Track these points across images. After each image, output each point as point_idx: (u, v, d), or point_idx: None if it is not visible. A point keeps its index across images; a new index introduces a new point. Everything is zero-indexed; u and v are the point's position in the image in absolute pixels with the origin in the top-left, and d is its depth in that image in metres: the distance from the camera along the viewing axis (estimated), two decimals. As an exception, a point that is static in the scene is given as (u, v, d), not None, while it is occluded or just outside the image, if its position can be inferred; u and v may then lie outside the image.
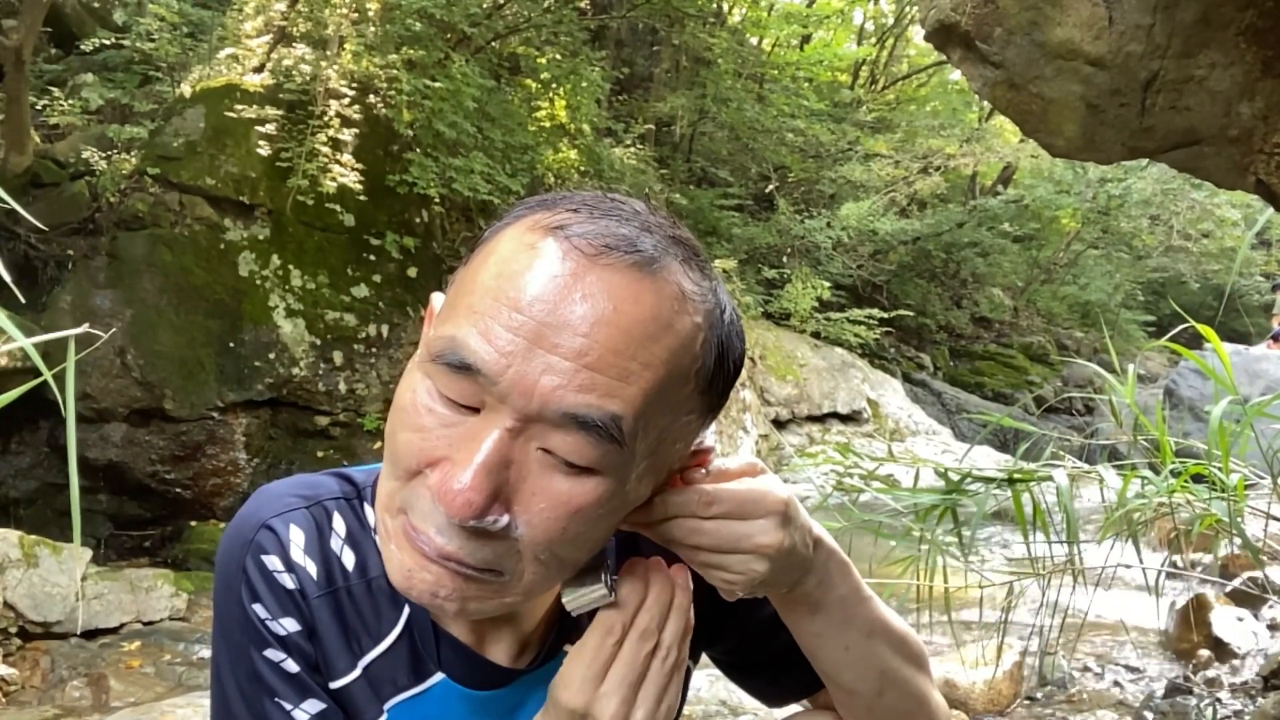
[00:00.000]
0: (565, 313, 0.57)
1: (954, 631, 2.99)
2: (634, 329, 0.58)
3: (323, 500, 0.74)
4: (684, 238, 0.64)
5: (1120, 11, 2.45)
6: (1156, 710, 3.03)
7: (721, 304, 0.64)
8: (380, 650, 0.73)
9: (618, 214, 0.61)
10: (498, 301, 0.58)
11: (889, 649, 0.80)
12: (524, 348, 0.56)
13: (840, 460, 2.77)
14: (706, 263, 0.66)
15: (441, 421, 0.60)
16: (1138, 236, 14.82)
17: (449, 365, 0.58)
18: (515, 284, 0.58)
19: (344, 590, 0.72)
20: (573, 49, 9.11)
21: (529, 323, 0.57)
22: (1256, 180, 2.53)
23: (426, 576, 0.61)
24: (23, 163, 6.09)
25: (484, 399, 0.58)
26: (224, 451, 6.17)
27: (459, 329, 0.58)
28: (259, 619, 0.70)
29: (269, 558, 0.71)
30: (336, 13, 6.80)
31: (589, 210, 0.61)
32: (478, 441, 0.58)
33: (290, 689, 0.69)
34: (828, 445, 8.26)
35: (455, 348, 0.58)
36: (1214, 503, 2.01)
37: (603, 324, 0.57)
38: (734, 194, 11.90)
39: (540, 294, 0.57)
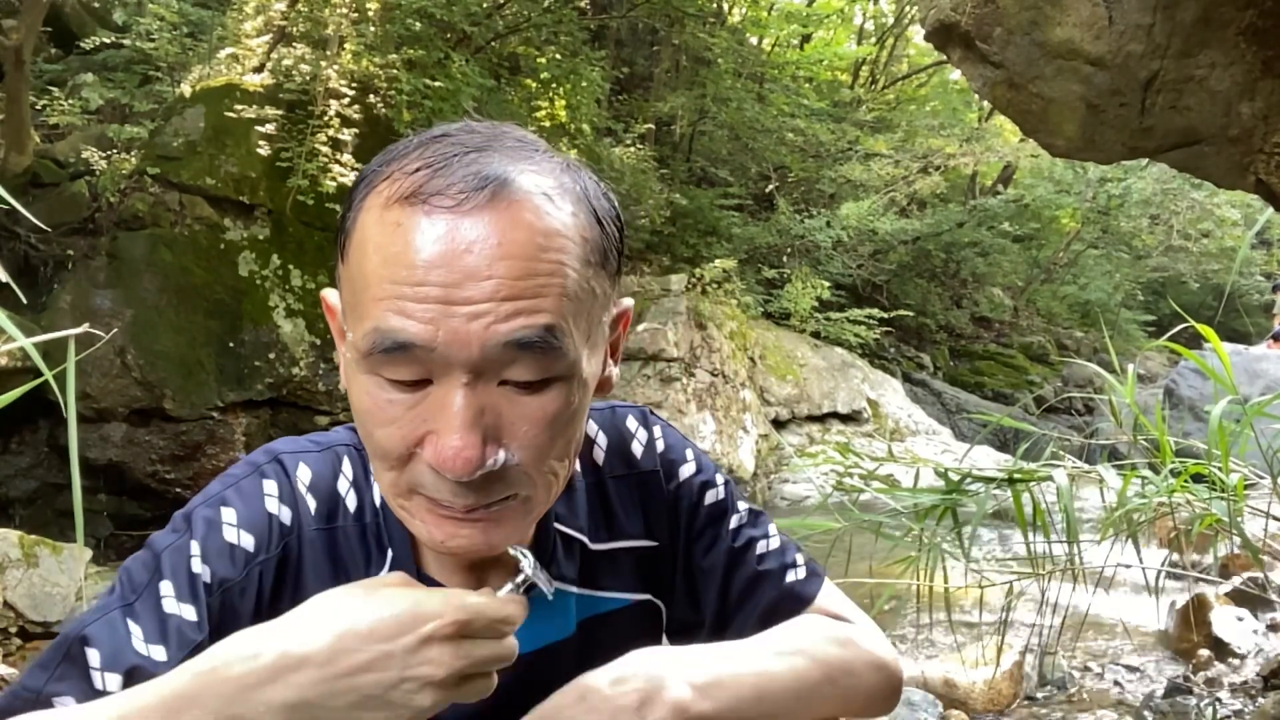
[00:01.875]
0: (461, 267, 0.60)
1: (954, 631, 2.99)
2: (525, 249, 0.61)
3: (334, 446, 0.79)
4: (523, 136, 0.68)
5: (1120, 11, 2.45)
6: (1156, 710, 3.03)
7: (580, 180, 0.68)
8: None
9: (458, 150, 0.63)
10: (397, 284, 0.60)
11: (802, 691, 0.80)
12: (441, 310, 0.60)
13: (840, 460, 2.77)
14: (550, 150, 0.69)
15: (406, 405, 0.63)
16: (1138, 236, 14.82)
17: (385, 352, 0.61)
18: (404, 262, 0.60)
19: (341, 530, 0.76)
20: (572, 49, 9.11)
21: (434, 289, 0.60)
22: (1256, 180, 2.53)
23: (463, 534, 0.67)
24: (23, 162, 6.08)
25: (430, 369, 0.62)
26: (224, 451, 6.17)
27: (377, 320, 0.61)
28: (217, 519, 0.72)
29: (269, 483, 0.74)
30: (336, 13, 6.80)
31: (429, 163, 0.62)
32: (448, 406, 0.62)
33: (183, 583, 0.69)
34: (828, 445, 8.26)
35: (382, 335, 0.61)
36: (1214, 503, 2.02)
37: (497, 260, 0.60)
38: (734, 194, 11.89)
39: (430, 260, 0.60)
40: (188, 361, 6.08)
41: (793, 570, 0.89)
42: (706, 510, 0.88)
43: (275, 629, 0.59)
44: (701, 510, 0.88)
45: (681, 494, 0.87)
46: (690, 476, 0.88)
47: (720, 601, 0.87)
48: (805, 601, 0.88)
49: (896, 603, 3.77)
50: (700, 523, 0.87)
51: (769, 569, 0.88)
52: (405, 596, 0.60)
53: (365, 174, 0.67)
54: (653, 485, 0.87)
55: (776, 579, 0.88)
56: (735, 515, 0.89)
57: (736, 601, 0.87)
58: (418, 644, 0.58)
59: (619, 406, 0.89)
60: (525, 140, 0.67)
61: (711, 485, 0.89)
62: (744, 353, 8.84)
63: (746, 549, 0.88)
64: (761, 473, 8.27)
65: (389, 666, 0.57)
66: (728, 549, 0.87)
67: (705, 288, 8.98)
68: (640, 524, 0.85)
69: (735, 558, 0.87)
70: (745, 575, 0.87)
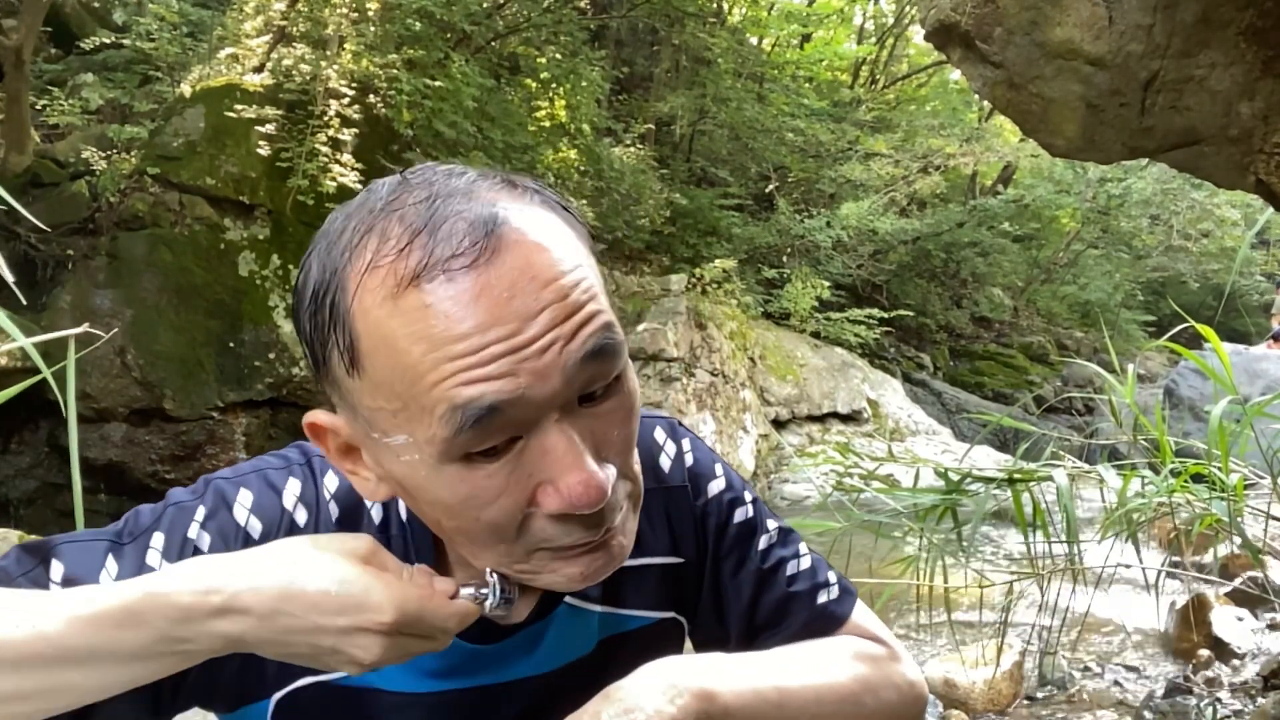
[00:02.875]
0: (512, 313, 0.57)
1: (954, 631, 3.00)
2: (554, 267, 0.59)
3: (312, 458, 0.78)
4: (446, 169, 0.65)
5: (1120, 11, 2.45)
6: (1156, 710, 3.03)
7: (525, 185, 0.66)
8: None
9: (422, 208, 0.60)
10: (456, 359, 0.57)
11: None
12: (513, 361, 0.57)
13: (840, 460, 2.77)
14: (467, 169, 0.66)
15: (506, 472, 0.60)
16: (1138, 236, 14.82)
17: (475, 426, 0.57)
18: (455, 336, 0.57)
19: None
20: (572, 49, 9.11)
21: (498, 346, 0.57)
22: (1256, 180, 2.53)
23: (599, 561, 0.66)
24: (23, 162, 6.09)
25: (519, 423, 0.59)
26: (224, 451, 6.17)
27: (449, 401, 0.57)
28: (233, 497, 0.72)
29: (295, 482, 0.75)
30: (336, 12, 6.80)
31: (409, 233, 0.58)
32: (554, 448, 0.60)
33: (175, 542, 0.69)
34: (828, 445, 8.26)
35: (465, 410, 0.57)
36: (1214, 503, 2.02)
37: (540, 290, 0.58)
38: (734, 194, 11.89)
39: (482, 323, 0.57)
40: (188, 361, 6.08)
41: (825, 590, 0.88)
42: (735, 529, 0.86)
43: (232, 566, 0.59)
44: (730, 528, 0.86)
45: (710, 511, 0.86)
46: (719, 493, 0.86)
47: (747, 622, 0.86)
48: (839, 621, 0.87)
49: (896, 603, 3.77)
50: (729, 541, 0.86)
51: (800, 590, 0.86)
52: (358, 580, 0.59)
53: (324, 283, 0.61)
54: (680, 501, 0.85)
55: (808, 600, 0.87)
56: (765, 535, 0.87)
57: (766, 623, 0.86)
58: (352, 629, 0.59)
59: (646, 417, 0.86)
60: (453, 168, 0.65)
61: (741, 503, 0.87)
62: (744, 353, 8.84)
63: (776, 570, 0.86)
64: (761, 473, 8.28)
65: (321, 638, 0.59)
66: (756, 569, 0.86)
67: (705, 288, 8.99)
68: (667, 540, 0.84)
69: (764, 578, 0.86)
70: (775, 597, 0.86)
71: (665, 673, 0.70)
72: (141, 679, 0.60)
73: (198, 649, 0.59)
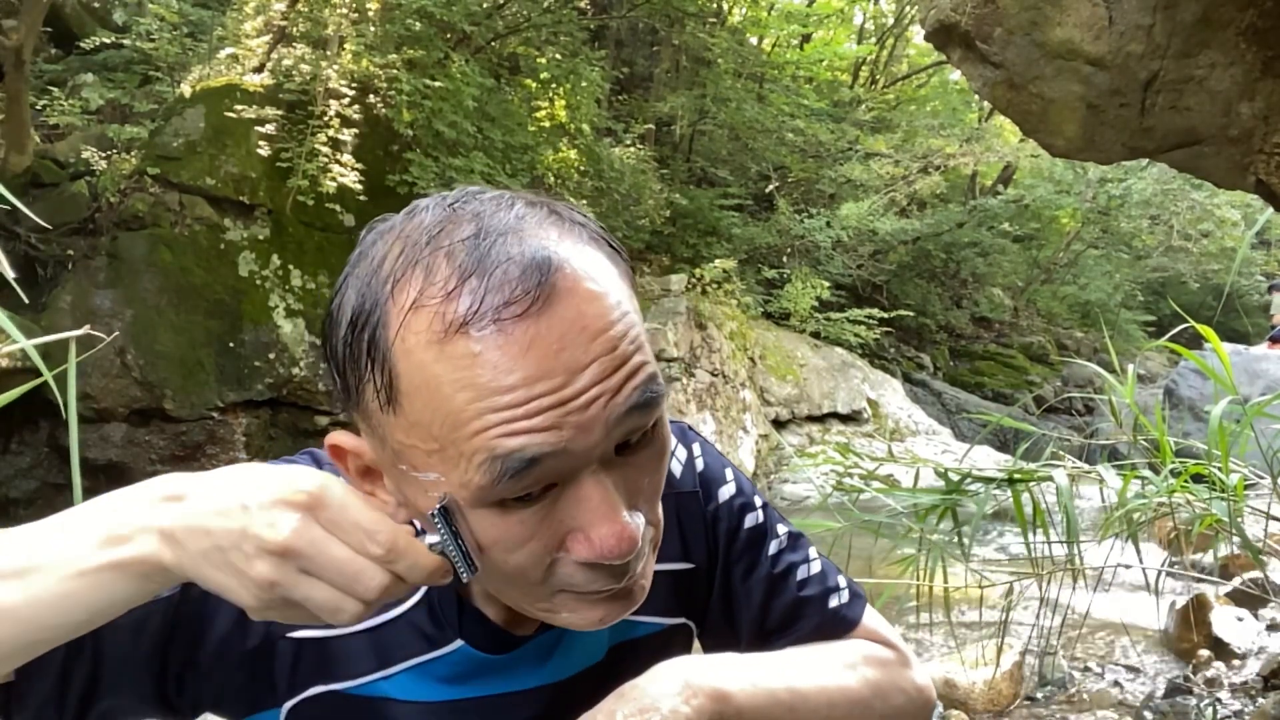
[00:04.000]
0: (560, 367, 0.56)
1: (954, 631, 3.00)
2: (603, 318, 0.58)
3: None
4: (494, 196, 0.62)
5: (1120, 11, 2.45)
6: (1156, 710, 3.03)
7: (573, 217, 0.64)
8: (395, 614, 0.74)
9: (472, 243, 0.57)
10: (501, 410, 0.56)
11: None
12: (558, 414, 0.56)
13: (840, 460, 2.77)
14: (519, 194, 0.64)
15: (539, 518, 0.60)
16: (1138, 236, 14.83)
17: (515, 476, 0.57)
18: (502, 388, 0.55)
19: None
20: (572, 49, 9.11)
21: (545, 399, 0.56)
22: (1256, 180, 2.53)
23: (618, 607, 0.65)
24: (23, 163, 6.09)
25: (558, 472, 0.58)
26: (224, 451, 6.17)
27: (489, 450, 0.56)
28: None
29: None
30: (336, 13, 6.80)
31: (460, 274, 0.56)
32: (589, 499, 0.59)
33: None
34: (828, 445, 8.26)
35: (506, 461, 0.56)
36: (1214, 503, 2.02)
37: (588, 343, 0.57)
38: (734, 194, 11.89)
39: (530, 376, 0.55)
40: (188, 361, 6.08)
41: (836, 594, 0.88)
42: (746, 534, 0.86)
43: (192, 474, 0.59)
44: (741, 534, 0.86)
45: (720, 516, 0.86)
46: (730, 498, 0.86)
47: (758, 626, 0.86)
48: (850, 625, 0.88)
49: (896, 603, 3.77)
50: (739, 547, 0.86)
51: (810, 595, 0.87)
52: (301, 471, 0.57)
53: (364, 313, 0.59)
54: (691, 506, 0.85)
55: (819, 605, 0.87)
56: (775, 540, 0.87)
57: (777, 628, 0.86)
58: (270, 502, 0.55)
59: None
60: (500, 197, 0.62)
61: (751, 508, 0.87)
62: (744, 353, 8.84)
63: (787, 574, 0.86)
64: (761, 473, 8.28)
65: (237, 518, 0.55)
66: (767, 574, 0.86)
67: (705, 288, 8.99)
68: (678, 545, 0.84)
69: (775, 583, 0.86)
70: (786, 601, 0.86)
71: (680, 672, 0.70)
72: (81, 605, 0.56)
73: (132, 555, 0.56)
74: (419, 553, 0.57)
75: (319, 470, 0.59)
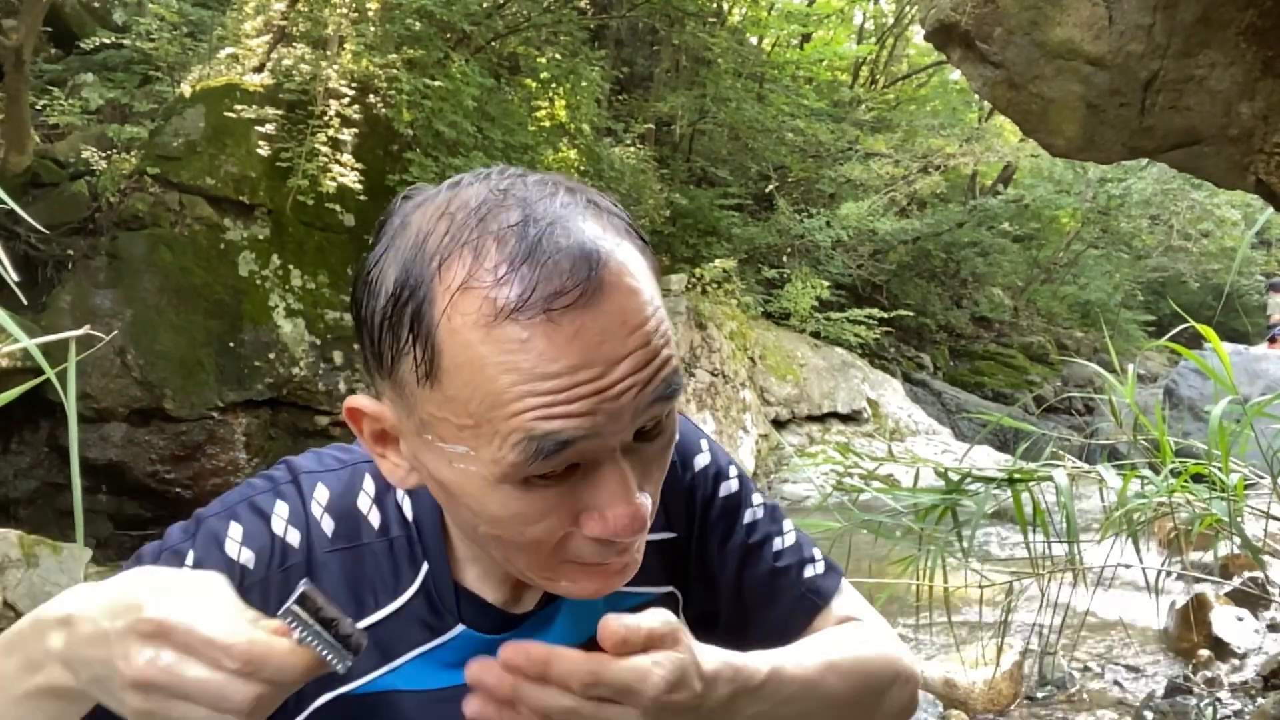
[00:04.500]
0: (601, 358, 0.59)
1: (954, 631, 2.99)
2: (640, 314, 0.61)
3: (358, 464, 0.78)
4: (544, 179, 0.64)
5: (1120, 11, 2.45)
6: (1156, 710, 3.03)
7: (607, 205, 0.65)
8: (393, 608, 0.74)
9: (525, 227, 0.59)
10: (542, 394, 0.58)
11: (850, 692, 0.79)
12: (595, 401, 0.59)
13: (840, 460, 2.77)
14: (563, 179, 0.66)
15: (559, 496, 0.62)
16: (1138, 236, 14.82)
17: (548, 456, 0.59)
18: (546, 374, 0.58)
19: (365, 548, 0.75)
20: (572, 49, 9.11)
21: (584, 387, 0.59)
22: (1256, 180, 2.53)
23: (615, 579, 0.68)
24: (23, 162, 6.09)
25: (583, 454, 0.61)
26: (224, 451, 6.17)
27: (526, 430, 0.58)
28: (223, 532, 0.72)
29: (282, 504, 0.74)
30: (336, 12, 6.80)
31: (511, 259, 0.58)
32: (608, 481, 0.62)
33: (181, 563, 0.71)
34: (828, 445, 8.26)
35: (542, 441, 0.58)
36: (1214, 502, 2.02)
37: (627, 337, 0.60)
38: (734, 194, 11.89)
39: (575, 365, 0.58)
40: (188, 361, 6.08)
41: (811, 565, 0.89)
42: (721, 503, 0.87)
43: (92, 586, 0.59)
44: (716, 503, 0.87)
45: (696, 484, 0.87)
46: (705, 467, 0.88)
47: (735, 596, 0.87)
48: (826, 597, 0.88)
49: (896, 603, 3.77)
50: (714, 515, 0.87)
51: (786, 565, 0.87)
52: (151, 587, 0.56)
53: (406, 288, 0.60)
54: (669, 476, 0.83)
55: (794, 575, 0.87)
56: (750, 510, 0.88)
57: (753, 599, 0.87)
58: (124, 632, 0.54)
59: None
60: (544, 182, 0.64)
61: (726, 477, 0.88)
62: (744, 353, 8.84)
63: (762, 545, 0.87)
64: (761, 473, 8.28)
65: (102, 648, 0.54)
66: (742, 544, 0.87)
67: (705, 288, 8.99)
68: (661, 515, 0.84)
69: (750, 554, 0.87)
70: (761, 572, 0.86)
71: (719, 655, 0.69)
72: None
73: (46, 683, 0.57)
74: (280, 656, 0.55)
75: (172, 574, 0.59)
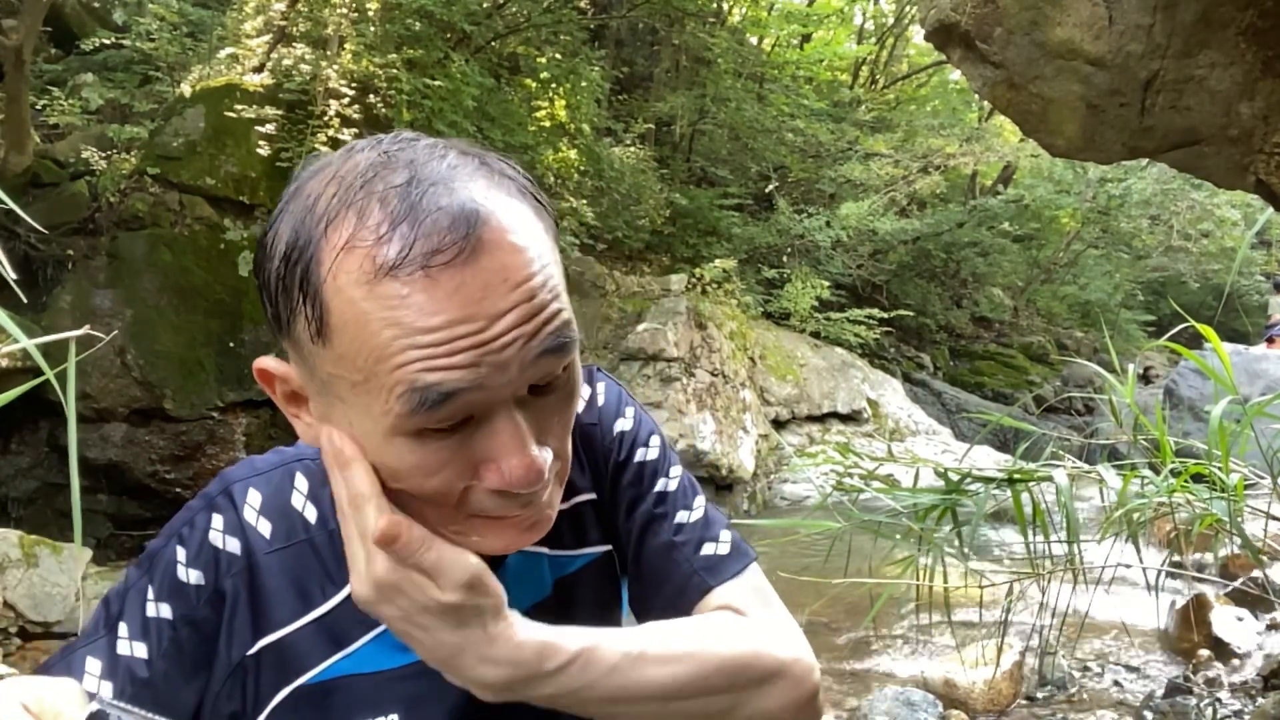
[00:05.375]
0: (482, 313, 0.60)
1: (954, 631, 3.00)
2: (525, 268, 0.62)
3: (288, 464, 0.80)
4: (427, 141, 0.66)
5: (1120, 11, 2.45)
6: (1156, 710, 3.04)
7: (500, 168, 0.67)
8: (341, 596, 0.75)
9: (405, 189, 0.61)
10: (422, 347, 0.60)
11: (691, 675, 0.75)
12: (476, 354, 0.60)
13: (840, 460, 2.77)
14: (447, 143, 0.67)
15: (454, 447, 0.64)
16: (1138, 236, 14.81)
17: (431, 407, 0.60)
18: (425, 328, 0.59)
19: (306, 543, 0.76)
20: (572, 49, 9.11)
21: (463, 340, 0.60)
22: (1256, 180, 2.53)
23: (525, 535, 0.69)
24: (23, 162, 6.09)
25: (473, 407, 0.62)
26: (224, 451, 6.17)
27: (409, 382, 0.60)
28: (171, 557, 0.74)
29: (217, 516, 0.76)
30: (336, 12, 6.80)
31: (391, 218, 0.59)
32: (501, 433, 0.64)
33: (136, 623, 0.72)
34: (828, 445, 8.26)
35: (424, 392, 0.60)
36: (1214, 503, 2.02)
37: (510, 291, 0.61)
38: (734, 194, 11.89)
39: (453, 319, 0.60)
40: (188, 361, 6.08)
41: (712, 544, 0.85)
42: (634, 468, 0.86)
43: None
44: (629, 467, 0.86)
45: (611, 448, 0.87)
46: (623, 432, 0.87)
47: (635, 565, 0.86)
48: (718, 578, 0.83)
49: (896, 603, 3.77)
50: (626, 479, 0.86)
51: (684, 540, 0.84)
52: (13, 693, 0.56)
53: (296, 249, 0.62)
54: (593, 438, 0.87)
55: (689, 551, 0.84)
56: (663, 479, 0.86)
57: (650, 570, 0.85)
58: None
59: None
60: (434, 146, 0.66)
61: (642, 444, 0.87)
62: (744, 353, 8.84)
63: (665, 516, 0.85)
64: (761, 473, 8.28)
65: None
66: (648, 512, 0.85)
67: (705, 288, 8.99)
68: (589, 477, 0.86)
69: (653, 522, 0.85)
70: (659, 543, 0.84)
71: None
72: None
73: None
74: None
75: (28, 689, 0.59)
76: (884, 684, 3.55)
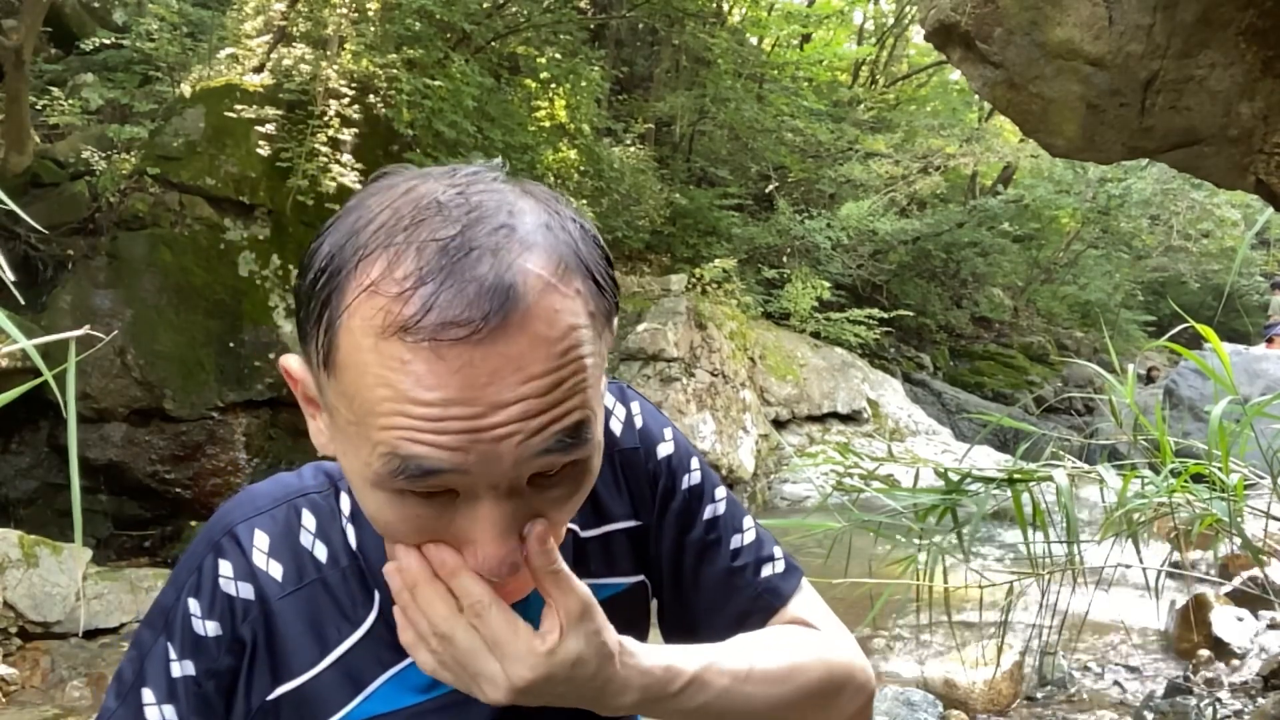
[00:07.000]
0: (484, 400, 0.56)
1: (954, 631, 3.00)
2: (546, 364, 0.57)
3: (293, 499, 0.77)
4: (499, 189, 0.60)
5: (1120, 11, 2.45)
6: (1156, 710, 3.03)
7: (570, 234, 0.61)
8: (359, 635, 0.74)
9: (445, 247, 0.56)
10: (409, 418, 0.56)
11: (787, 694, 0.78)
12: (468, 438, 0.56)
13: (840, 460, 2.77)
14: (525, 190, 0.62)
15: (433, 515, 0.61)
16: (1138, 236, 14.82)
17: (412, 476, 0.58)
18: (418, 400, 0.56)
19: (318, 583, 0.74)
20: (572, 48, 9.11)
21: (456, 423, 0.56)
22: (1256, 180, 2.53)
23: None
24: (23, 163, 6.08)
25: (456, 485, 0.59)
26: (224, 451, 6.17)
27: (392, 446, 0.57)
28: (185, 612, 0.72)
29: (224, 563, 0.73)
30: (336, 12, 6.80)
31: (420, 274, 0.55)
32: (482, 519, 0.60)
33: (162, 686, 0.71)
34: (828, 445, 8.26)
35: (405, 463, 0.57)
36: (1214, 503, 2.02)
37: (521, 385, 0.56)
38: (734, 194, 11.88)
39: (449, 399, 0.56)
40: (188, 361, 6.08)
41: (770, 564, 0.86)
42: (683, 495, 0.85)
43: None
44: (677, 494, 0.85)
45: (659, 474, 0.85)
46: (667, 456, 0.86)
47: (690, 592, 0.85)
48: (783, 598, 0.86)
49: (896, 603, 3.77)
50: (676, 506, 0.85)
51: (744, 564, 0.85)
52: None
53: (325, 274, 0.59)
54: (635, 463, 0.84)
55: (751, 574, 0.85)
56: (711, 505, 0.86)
57: (708, 596, 0.85)
58: None
59: None
60: (508, 197, 0.60)
61: (687, 469, 0.86)
62: (744, 353, 8.84)
63: (720, 541, 0.85)
64: (761, 473, 8.28)
65: None
66: (700, 539, 0.85)
67: (705, 288, 8.99)
68: (627, 504, 0.84)
69: (708, 549, 0.85)
70: (718, 569, 0.84)
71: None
72: None
73: None
74: None
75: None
76: (884, 684, 3.55)
